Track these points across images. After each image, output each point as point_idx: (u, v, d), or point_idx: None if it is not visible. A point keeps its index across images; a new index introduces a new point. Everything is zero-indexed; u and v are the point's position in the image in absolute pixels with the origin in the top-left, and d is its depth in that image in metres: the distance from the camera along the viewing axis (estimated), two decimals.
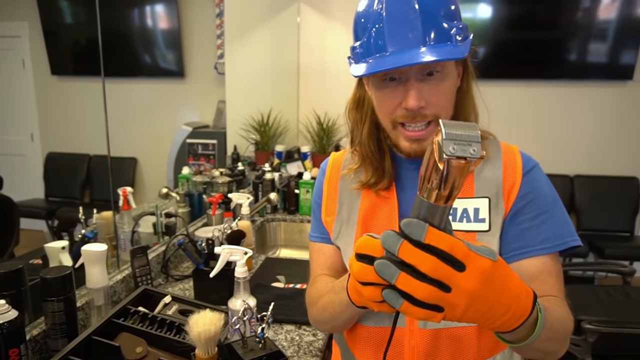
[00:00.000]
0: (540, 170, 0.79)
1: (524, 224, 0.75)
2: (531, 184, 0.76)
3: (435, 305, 0.42)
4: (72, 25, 3.59)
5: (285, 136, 3.20)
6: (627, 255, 3.31)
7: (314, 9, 3.17)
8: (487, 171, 0.78)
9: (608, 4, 3.37)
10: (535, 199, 0.75)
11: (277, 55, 3.22)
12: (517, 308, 0.48)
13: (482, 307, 0.44)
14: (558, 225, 0.75)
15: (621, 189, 3.56)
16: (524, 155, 0.80)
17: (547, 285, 0.71)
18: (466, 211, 0.76)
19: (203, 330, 0.84)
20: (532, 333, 0.53)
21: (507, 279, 0.47)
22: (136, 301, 1.12)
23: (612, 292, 1.97)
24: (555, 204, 0.77)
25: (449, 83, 0.72)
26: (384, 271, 0.43)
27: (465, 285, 0.42)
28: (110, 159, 1.56)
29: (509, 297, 0.47)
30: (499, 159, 0.78)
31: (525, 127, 3.62)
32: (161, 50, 3.73)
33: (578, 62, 3.54)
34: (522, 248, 0.74)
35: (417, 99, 0.68)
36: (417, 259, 0.41)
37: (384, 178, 0.81)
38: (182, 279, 1.50)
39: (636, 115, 3.52)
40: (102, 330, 0.97)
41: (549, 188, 0.78)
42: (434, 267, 0.41)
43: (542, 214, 0.75)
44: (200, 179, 1.94)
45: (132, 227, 1.52)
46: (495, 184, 0.76)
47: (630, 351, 1.74)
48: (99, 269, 1.09)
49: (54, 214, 3.32)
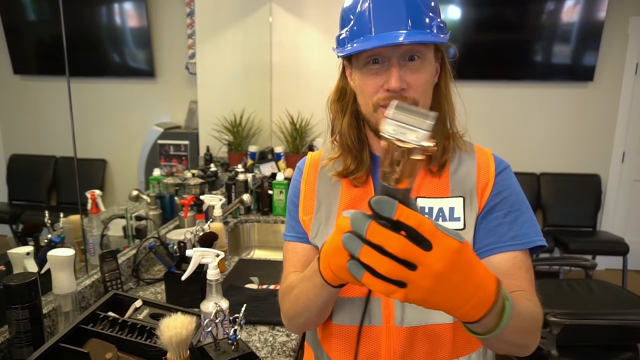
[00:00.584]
0: (511, 171, 0.83)
1: (495, 221, 0.77)
2: (503, 183, 0.80)
3: (398, 280, 0.43)
4: (36, 23, 3.47)
5: (259, 137, 3.19)
6: (590, 249, 3.45)
7: (286, 9, 3.17)
8: (462, 171, 0.81)
9: (570, 7, 3.50)
10: (506, 198, 0.79)
11: (249, 55, 3.20)
12: (482, 294, 0.48)
13: (447, 290, 0.44)
14: (527, 225, 0.78)
15: (584, 186, 3.70)
16: (496, 157, 0.84)
17: (518, 280, 0.74)
18: (442, 210, 0.78)
19: (174, 334, 0.84)
20: (500, 322, 0.53)
21: (473, 263, 0.47)
22: (106, 306, 1.10)
23: (575, 286, 2.05)
24: (524, 204, 0.80)
25: (428, 71, 0.75)
26: (349, 244, 0.44)
27: (432, 265, 0.42)
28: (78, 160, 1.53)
29: (474, 282, 0.47)
30: (473, 160, 0.82)
31: (492, 127, 3.72)
32: (131, 49, 3.66)
33: (543, 63, 3.67)
34: (494, 244, 0.76)
35: (399, 80, 0.71)
36: (385, 239, 0.42)
37: (362, 168, 0.83)
38: (154, 283, 1.48)
39: (597, 115, 3.68)
40: (69, 337, 0.95)
41: (519, 188, 0.82)
42: (401, 246, 0.42)
43: (512, 212, 0.78)
44: (172, 180, 1.92)
45: (101, 230, 1.49)
46: (469, 183, 0.79)
47: (591, 341, 1.82)
48: (66, 275, 1.06)
49: (19, 218, 3.20)
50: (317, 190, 0.87)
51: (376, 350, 0.79)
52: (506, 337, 0.56)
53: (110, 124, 3.56)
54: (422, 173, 0.81)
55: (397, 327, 0.78)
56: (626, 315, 1.76)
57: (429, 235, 0.43)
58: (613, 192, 3.77)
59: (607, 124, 3.69)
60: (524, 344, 0.66)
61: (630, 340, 1.82)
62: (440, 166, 0.81)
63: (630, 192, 3.79)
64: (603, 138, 3.71)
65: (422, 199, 0.80)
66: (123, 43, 3.64)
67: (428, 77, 0.75)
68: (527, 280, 0.75)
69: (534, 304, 0.70)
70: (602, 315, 1.74)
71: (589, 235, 3.55)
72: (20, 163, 3.52)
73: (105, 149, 3.61)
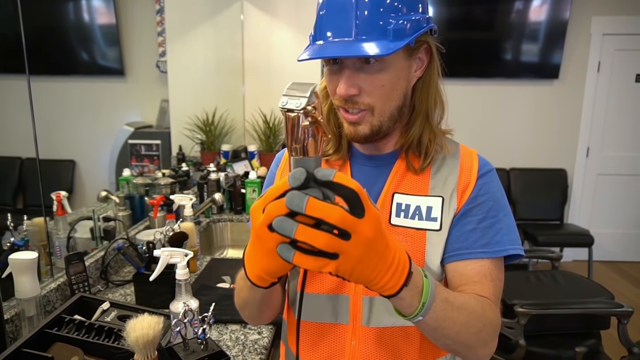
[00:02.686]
0: (495, 175, 0.79)
1: (469, 225, 0.74)
2: (484, 186, 0.76)
3: (329, 253, 0.44)
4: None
5: (232, 135, 3.17)
6: (557, 241, 3.57)
7: (257, 7, 3.15)
8: (444, 171, 0.78)
9: (537, 6, 3.60)
10: (485, 202, 0.75)
11: (221, 53, 3.17)
12: (399, 262, 0.50)
13: (373, 257, 0.47)
14: (502, 232, 0.74)
15: (551, 180, 3.82)
16: (481, 158, 0.81)
17: (480, 287, 0.72)
18: (419, 209, 0.76)
19: (141, 335, 0.83)
20: (421, 299, 0.55)
21: (387, 232, 0.49)
22: (72, 309, 1.08)
23: (542, 277, 2.12)
24: (503, 211, 0.76)
25: (389, 75, 0.70)
26: (283, 227, 0.44)
27: (364, 232, 0.44)
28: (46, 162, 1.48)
29: (392, 249, 0.49)
30: (457, 160, 0.79)
31: (463, 124, 3.79)
32: (99, 47, 3.57)
33: (512, 61, 3.76)
34: (464, 249, 0.74)
35: (346, 87, 0.69)
36: (325, 211, 0.43)
37: (340, 152, 0.82)
38: (124, 284, 1.45)
39: (562, 112, 3.80)
40: (33, 341, 0.93)
41: (501, 194, 0.78)
42: (341, 216, 0.43)
43: (488, 218, 0.75)
44: (142, 181, 1.89)
45: (67, 232, 1.45)
46: (450, 183, 0.76)
47: (557, 329, 1.88)
48: (29, 278, 1.04)
49: None
50: None
51: (341, 349, 0.78)
52: (441, 326, 0.59)
53: (79, 124, 3.47)
54: (403, 169, 0.78)
55: (364, 327, 0.76)
56: (589, 304, 1.82)
57: (364, 200, 0.44)
58: (578, 186, 3.91)
59: (572, 120, 3.81)
60: (468, 343, 0.65)
61: (593, 328, 1.90)
62: (422, 163, 0.77)
63: (594, 186, 3.93)
64: (568, 134, 3.83)
65: (400, 195, 0.77)
66: (91, 41, 3.55)
67: (387, 81, 0.70)
68: (490, 289, 0.72)
69: (487, 309, 0.69)
70: (567, 304, 1.80)
71: (556, 228, 3.67)
72: None
73: (74, 150, 3.51)
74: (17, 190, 3.56)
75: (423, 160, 0.77)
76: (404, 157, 0.79)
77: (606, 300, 1.89)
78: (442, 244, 0.74)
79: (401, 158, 0.79)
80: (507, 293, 1.87)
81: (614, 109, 3.79)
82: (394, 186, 0.78)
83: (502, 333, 1.82)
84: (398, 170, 0.79)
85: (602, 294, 1.96)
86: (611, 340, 2.16)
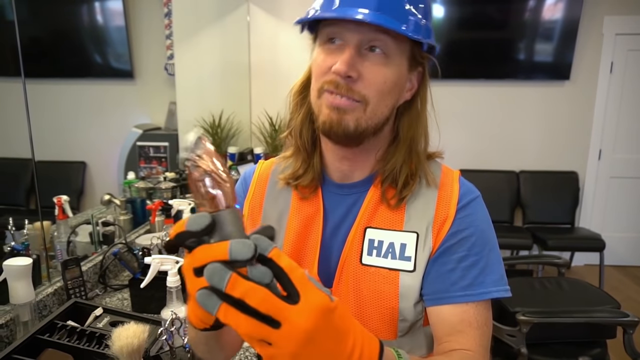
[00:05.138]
0: (479, 204, 0.71)
1: (448, 265, 0.67)
2: (465, 220, 0.68)
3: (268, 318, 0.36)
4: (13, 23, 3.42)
5: (238, 137, 3.19)
6: (568, 246, 3.51)
7: (264, 9, 3.16)
8: (420, 202, 0.70)
9: (551, 5, 3.53)
10: (465, 239, 0.67)
11: (227, 55, 3.19)
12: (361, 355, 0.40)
13: (318, 355, 0.37)
14: (485, 272, 0.67)
15: (562, 183, 3.75)
16: (463, 185, 0.71)
17: (464, 338, 0.65)
18: (392, 246, 0.68)
19: (125, 344, 0.84)
20: None
21: (348, 325, 0.40)
22: (65, 315, 1.09)
23: (546, 284, 2.08)
24: (487, 246, 0.69)
25: (391, 73, 0.64)
26: (205, 303, 0.36)
27: (298, 321, 0.36)
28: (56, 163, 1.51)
29: (349, 344, 0.40)
30: (436, 189, 0.70)
31: (473, 125, 3.75)
32: (110, 50, 3.63)
33: (522, 62, 3.70)
34: (442, 292, 0.66)
35: (347, 64, 0.61)
36: (246, 292, 0.35)
37: (310, 172, 0.74)
38: (121, 289, 1.47)
39: (573, 113, 3.73)
40: (24, 347, 0.95)
41: (485, 225, 0.70)
42: (262, 298, 0.35)
43: (470, 256, 0.67)
44: (144, 185, 1.91)
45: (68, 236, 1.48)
46: (426, 217, 0.68)
47: (561, 338, 1.85)
48: (23, 284, 1.05)
49: None
50: (263, 210, 0.78)
51: None
52: None
53: (90, 126, 3.53)
54: (376, 199, 0.71)
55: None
56: (593, 313, 1.79)
57: (298, 282, 0.37)
58: (590, 189, 3.83)
59: (583, 122, 3.74)
60: None
61: (599, 337, 1.86)
62: (398, 196, 0.69)
63: (607, 189, 3.85)
64: (580, 136, 3.76)
65: (373, 229, 0.70)
66: (102, 44, 3.60)
67: (387, 79, 0.63)
68: (475, 338, 0.65)
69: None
70: (570, 313, 1.76)
71: (566, 232, 3.60)
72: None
73: (85, 151, 3.58)
74: (29, 191, 3.64)
75: (400, 192, 0.69)
76: (379, 185, 0.71)
77: (611, 309, 1.85)
78: (416, 286, 0.67)
79: (375, 186, 0.72)
80: (510, 300, 1.85)
81: (627, 110, 3.71)
82: (366, 219, 0.70)
83: (504, 341, 1.79)
84: (371, 200, 0.71)
85: (607, 302, 1.92)
86: (619, 349, 2.12)
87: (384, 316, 0.68)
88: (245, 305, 0.35)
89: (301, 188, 0.76)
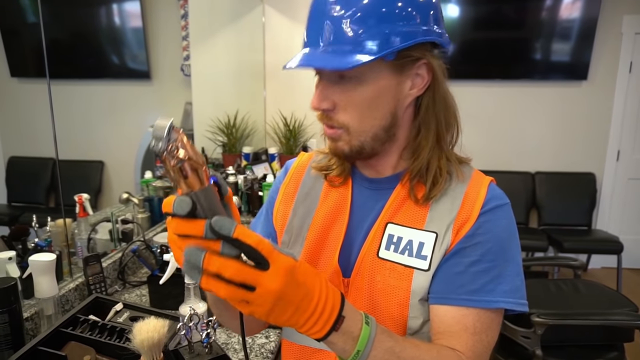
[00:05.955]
0: (504, 212, 0.68)
1: (457, 267, 0.66)
2: (485, 225, 0.66)
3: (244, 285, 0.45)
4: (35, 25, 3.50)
5: (253, 138, 3.22)
6: (584, 248, 3.46)
7: (279, 10, 3.19)
8: (445, 203, 0.69)
9: (569, 4, 3.49)
10: (482, 243, 0.66)
11: (242, 56, 3.22)
12: (323, 309, 0.49)
13: (287, 307, 0.47)
14: (497, 280, 0.65)
15: (579, 185, 3.71)
16: (492, 190, 0.70)
17: (456, 340, 0.63)
18: (410, 244, 0.68)
19: (146, 338, 0.86)
20: (356, 347, 0.52)
21: (311, 279, 0.49)
22: (87, 309, 1.13)
23: (562, 286, 2.06)
24: (504, 256, 0.66)
25: (368, 92, 0.64)
26: (190, 274, 0.45)
27: (269, 285, 0.44)
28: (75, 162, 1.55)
29: (314, 297, 0.49)
30: (463, 190, 0.69)
31: (488, 126, 3.72)
32: (127, 52, 3.69)
33: (539, 62, 3.67)
34: (445, 292, 0.65)
35: (318, 100, 0.66)
36: (220, 267, 0.43)
37: (342, 167, 0.77)
38: (139, 285, 1.50)
39: (591, 114, 3.68)
40: (49, 340, 0.98)
41: (506, 234, 0.67)
42: (236, 270, 0.44)
43: (483, 262, 0.65)
44: (161, 184, 1.94)
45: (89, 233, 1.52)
46: (448, 217, 0.68)
47: (577, 341, 1.83)
48: (47, 279, 1.09)
49: (17, 219, 3.24)
50: (296, 196, 0.82)
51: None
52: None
53: (108, 126, 3.60)
54: (402, 196, 0.71)
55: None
56: (610, 316, 1.77)
57: (267, 253, 0.45)
58: (608, 190, 3.77)
59: (601, 122, 3.69)
60: None
61: (615, 340, 1.84)
62: (427, 194, 0.68)
63: (625, 191, 3.79)
64: (598, 136, 3.71)
65: (394, 225, 0.70)
66: (119, 45, 3.67)
67: (365, 99, 0.64)
68: (468, 343, 0.63)
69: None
70: (586, 315, 1.75)
71: (583, 234, 3.55)
72: (19, 165, 3.56)
73: (103, 151, 3.65)
74: (49, 190, 3.72)
75: (429, 190, 0.69)
76: (407, 183, 0.71)
77: (629, 312, 1.82)
78: (428, 285, 0.67)
79: (402, 184, 0.72)
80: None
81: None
82: (389, 215, 0.71)
83: (519, 343, 1.78)
84: (397, 197, 0.72)
85: (625, 305, 1.90)
86: (637, 353, 2.09)
87: (395, 311, 0.68)
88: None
89: (332, 178, 0.78)
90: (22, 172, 3.55)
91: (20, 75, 3.49)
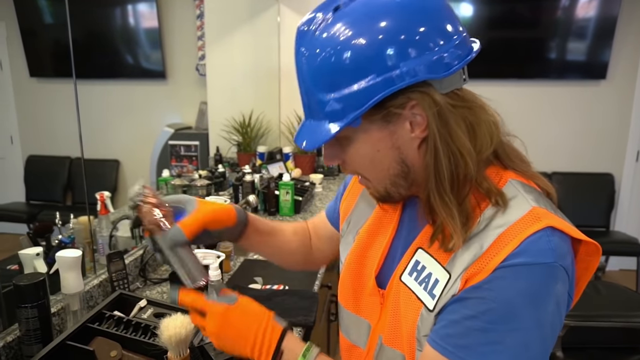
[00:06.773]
0: (531, 273, 0.55)
1: (455, 315, 0.58)
2: (497, 281, 0.56)
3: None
4: (52, 26, 3.56)
5: (268, 137, 3.22)
6: (602, 249, 3.40)
7: (294, 10, 3.19)
8: (473, 244, 0.59)
9: (586, 2, 3.45)
10: (485, 300, 0.56)
11: (258, 56, 3.23)
12: (261, 346, 0.66)
13: (227, 342, 0.67)
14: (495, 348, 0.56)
15: (597, 186, 3.65)
16: (530, 243, 0.56)
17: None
18: (429, 277, 0.63)
19: (174, 334, 0.86)
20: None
21: (246, 317, 0.67)
22: (111, 305, 1.14)
23: None
24: (509, 324, 0.55)
25: (363, 148, 0.63)
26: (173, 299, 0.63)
27: (209, 328, 0.69)
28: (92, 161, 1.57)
29: (248, 335, 0.66)
30: (496, 234, 0.58)
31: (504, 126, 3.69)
32: (143, 51, 3.73)
33: (555, 61, 3.62)
34: (435, 334, 0.60)
35: (327, 159, 0.69)
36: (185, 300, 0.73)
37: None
38: (160, 282, 1.51)
39: (610, 114, 3.62)
40: (76, 335, 0.99)
41: (520, 300, 0.55)
42: (192, 318, 0.73)
43: (479, 320, 0.56)
44: (179, 182, 1.96)
45: (110, 231, 1.53)
46: (466, 263, 0.59)
47: (598, 343, 1.81)
48: (74, 275, 1.10)
49: (36, 217, 3.30)
50: (353, 208, 0.85)
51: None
52: None
53: (123, 125, 3.64)
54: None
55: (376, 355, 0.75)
56: (633, 318, 1.74)
57: (201, 308, 0.70)
58: (627, 191, 3.71)
59: (620, 122, 3.63)
60: None
61: (638, 343, 1.81)
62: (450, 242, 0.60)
63: None
64: (616, 137, 3.65)
65: (423, 252, 0.66)
66: (135, 45, 3.71)
67: (364, 154, 0.63)
68: None
69: None
70: (608, 317, 1.73)
71: (601, 236, 3.50)
72: (36, 164, 3.62)
73: (118, 150, 3.69)
74: (66, 188, 3.77)
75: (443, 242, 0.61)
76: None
77: None
78: (430, 325, 0.62)
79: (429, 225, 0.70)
80: None
81: None
82: (424, 240, 0.67)
83: None
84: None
85: None
86: None
87: (405, 337, 0.68)
88: None
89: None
90: (40, 171, 3.61)
91: (39, 75, 3.55)
